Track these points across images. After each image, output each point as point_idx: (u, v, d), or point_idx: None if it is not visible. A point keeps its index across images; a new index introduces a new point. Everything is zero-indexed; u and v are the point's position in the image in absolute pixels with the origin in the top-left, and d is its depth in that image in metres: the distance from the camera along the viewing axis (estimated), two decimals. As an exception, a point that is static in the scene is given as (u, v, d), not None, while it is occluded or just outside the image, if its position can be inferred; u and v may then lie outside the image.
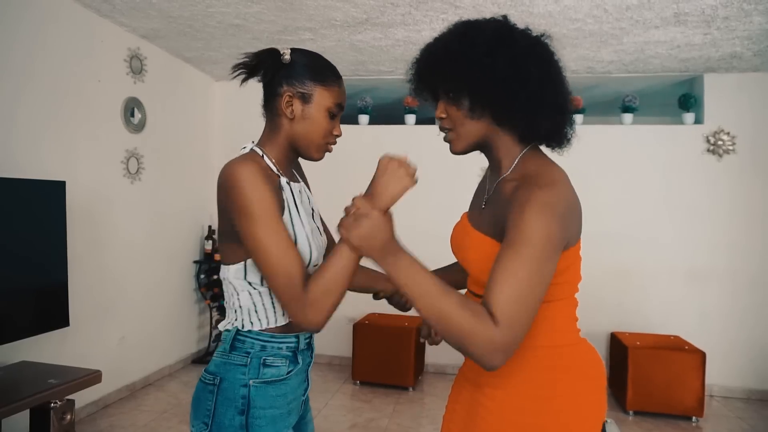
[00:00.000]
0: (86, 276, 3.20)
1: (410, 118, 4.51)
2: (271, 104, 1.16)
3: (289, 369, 1.15)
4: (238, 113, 4.74)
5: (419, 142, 4.52)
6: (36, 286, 2.59)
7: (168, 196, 4.07)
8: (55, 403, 2.33)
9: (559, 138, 1.10)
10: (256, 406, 1.09)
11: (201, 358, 4.44)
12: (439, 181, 4.34)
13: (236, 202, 1.02)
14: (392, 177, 1.04)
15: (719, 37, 3.33)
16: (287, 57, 1.13)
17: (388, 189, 1.03)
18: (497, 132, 1.09)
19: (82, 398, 3.09)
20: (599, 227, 4.20)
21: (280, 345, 1.14)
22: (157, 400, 3.59)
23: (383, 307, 4.25)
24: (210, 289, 4.43)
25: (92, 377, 2.46)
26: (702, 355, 3.45)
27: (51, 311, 2.66)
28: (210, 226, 4.56)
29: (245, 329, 1.13)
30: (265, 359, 1.12)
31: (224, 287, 1.17)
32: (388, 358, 3.91)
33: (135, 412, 3.36)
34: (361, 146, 4.54)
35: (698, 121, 4.14)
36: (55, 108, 2.99)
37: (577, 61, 3.93)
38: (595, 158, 4.23)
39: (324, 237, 1.28)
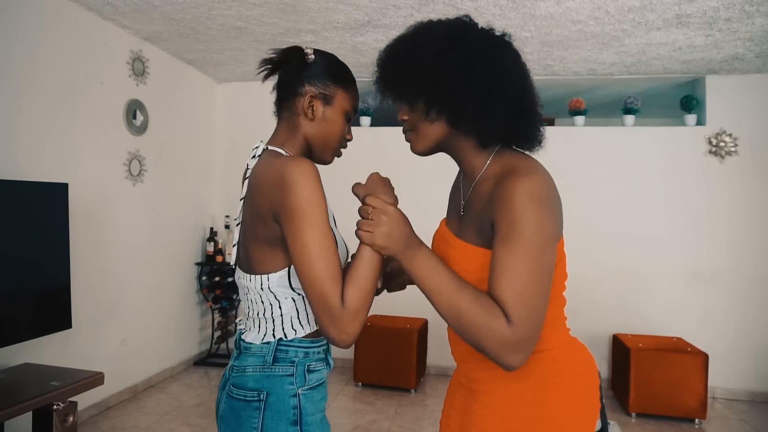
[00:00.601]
0: (88, 278, 3.20)
1: (412, 120, 4.51)
2: (289, 103, 1.14)
3: (326, 370, 1.15)
4: (240, 115, 4.75)
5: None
6: (38, 288, 2.59)
7: (170, 198, 4.07)
8: (58, 405, 2.33)
9: (523, 139, 1.05)
10: (308, 413, 1.07)
11: (203, 360, 4.44)
12: (438, 182, 4.33)
13: (292, 201, 0.96)
14: (387, 187, 1.07)
15: (721, 39, 3.33)
16: (312, 57, 1.13)
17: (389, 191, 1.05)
18: (455, 135, 1.05)
19: (84, 400, 3.09)
20: (601, 229, 4.20)
21: (318, 349, 1.12)
22: (159, 402, 3.59)
23: (385, 308, 4.27)
24: (212, 290, 4.43)
25: (95, 379, 2.46)
26: (705, 357, 3.44)
27: (53, 313, 2.66)
28: (212, 228, 4.57)
29: (288, 338, 1.09)
30: (309, 365, 1.10)
31: (256, 297, 1.09)
32: (390, 360, 3.90)
33: (137, 414, 3.36)
34: (363, 148, 4.54)
35: (700, 122, 4.13)
36: (57, 110, 3.00)
37: (579, 63, 3.93)
38: (597, 160, 4.23)
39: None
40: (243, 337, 1.13)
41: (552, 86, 4.47)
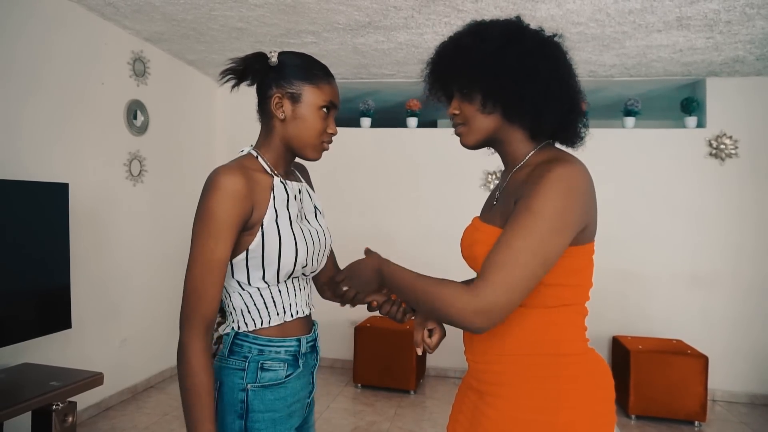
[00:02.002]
0: (88, 278, 3.20)
1: (412, 121, 4.52)
2: (263, 107, 1.17)
3: (288, 372, 1.14)
4: (241, 116, 4.75)
5: (420, 145, 4.53)
6: (38, 288, 2.59)
7: (170, 198, 4.07)
8: (57, 405, 2.33)
9: (569, 135, 1.10)
10: (255, 410, 1.10)
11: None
12: (439, 183, 4.35)
13: (199, 203, 1.07)
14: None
15: (722, 41, 3.33)
16: (274, 59, 1.14)
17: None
18: (508, 127, 1.09)
19: (83, 400, 3.09)
20: (601, 231, 4.17)
21: (278, 349, 1.14)
22: (158, 402, 3.59)
23: (385, 310, 4.26)
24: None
25: (94, 379, 2.46)
26: (705, 360, 3.44)
27: (53, 313, 2.66)
28: (212, 229, 4.56)
29: (241, 331, 1.14)
30: (262, 363, 1.12)
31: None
32: (389, 362, 3.90)
33: (136, 415, 3.36)
34: (363, 149, 4.55)
35: (701, 125, 4.13)
36: (58, 110, 3.00)
37: (580, 65, 3.92)
38: (597, 162, 4.20)
39: (327, 237, 1.28)
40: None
41: (552, 88, 4.47)
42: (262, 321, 1.14)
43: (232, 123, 4.73)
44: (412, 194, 4.41)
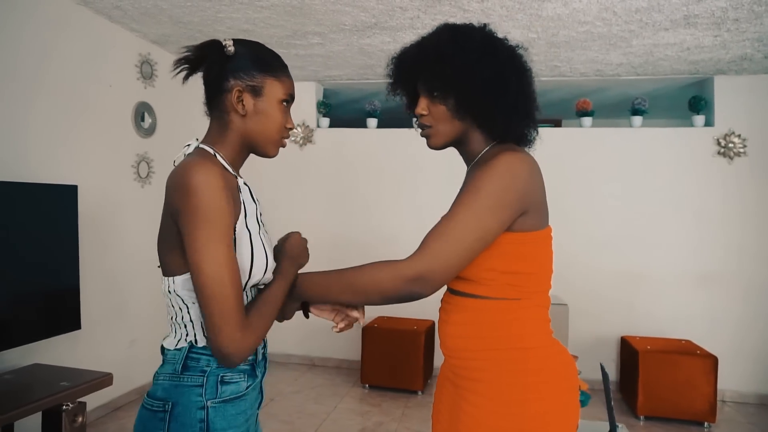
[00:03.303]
0: (97, 279, 3.22)
1: (418, 122, 4.51)
2: (217, 101, 1.07)
3: (248, 383, 1.06)
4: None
5: (420, 143, 4.52)
6: (48, 290, 2.61)
7: (178, 200, 4.09)
8: (67, 405, 2.35)
9: (526, 140, 1.18)
10: (217, 429, 1.00)
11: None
12: (444, 184, 4.33)
13: (190, 205, 0.93)
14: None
15: (729, 39, 3.31)
16: (231, 48, 1.05)
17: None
18: (473, 130, 1.15)
19: (92, 401, 3.11)
20: (608, 230, 4.19)
21: None
22: (166, 403, 3.61)
23: (392, 310, 4.26)
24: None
25: (103, 380, 2.47)
26: (714, 360, 3.41)
27: (63, 314, 2.68)
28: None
29: (199, 345, 1.02)
30: (222, 376, 1.02)
31: (168, 301, 1.05)
32: (397, 362, 3.90)
33: (145, 415, 3.38)
34: (369, 149, 4.55)
35: (708, 123, 4.11)
36: (67, 113, 3.02)
37: (586, 64, 3.92)
38: (604, 161, 4.21)
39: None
40: (162, 341, 1.08)
41: (559, 87, 4.46)
42: None
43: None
44: (417, 195, 4.41)
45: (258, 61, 1.06)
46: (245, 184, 1.09)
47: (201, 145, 1.08)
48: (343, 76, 4.46)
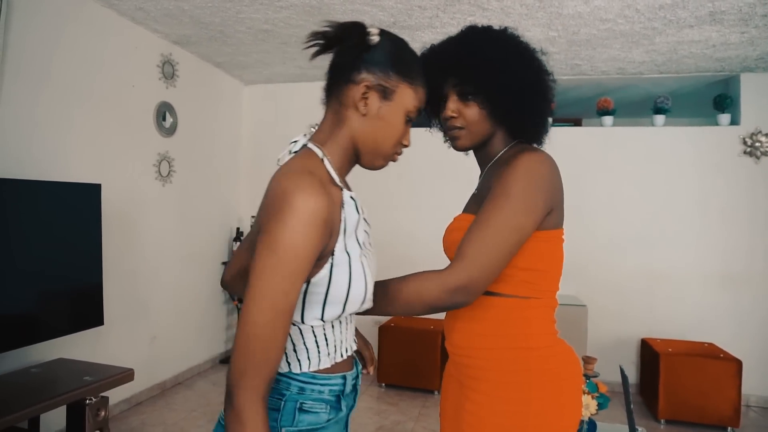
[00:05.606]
0: (120, 277, 3.28)
1: (437, 121, 4.50)
2: (340, 91, 0.95)
3: (330, 416, 0.94)
4: (267, 117, 4.80)
5: (443, 144, 4.50)
6: (72, 287, 2.67)
7: (198, 198, 4.15)
8: (90, 399, 2.40)
9: (541, 140, 1.20)
10: None
11: (229, 358, 4.49)
12: (462, 183, 4.31)
13: (270, 226, 0.82)
14: None
15: (757, 36, 3.23)
16: (375, 38, 0.93)
17: None
18: (499, 131, 1.18)
19: (114, 396, 3.17)
20: (630, 230, 4.12)
21: (322, 388, 0.94)
22: (186, 399, 3.66)
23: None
24: (238, 290, 4.48)
25: (125, 375, 2.52)
26: (738, 364, 3.34)
27: (86, 311, 2.74)
28: (238, 228, 4.63)
29: (282, 371, 0.92)
30: (302, 404, 0.91)
31: None
32: (414, 361, 3.90)
33: (165, 411, 3.43)
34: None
35: (734, 122, 4.02)
36: (91, 113, 3.08)
37: (608, 62, 3.86)
38: (626, 161, 4.15)
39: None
40: None
41: (580, 86, 4.41)
42: (310, 363, 0.93)
43: (258, 124, 4.79)
44: (435, 193, 4.40)
45: (398, 61, 0.94)
46: (352, 198, 0.94)
47: (309, 144, 0.95)
48: (361, 75, 4.47)
